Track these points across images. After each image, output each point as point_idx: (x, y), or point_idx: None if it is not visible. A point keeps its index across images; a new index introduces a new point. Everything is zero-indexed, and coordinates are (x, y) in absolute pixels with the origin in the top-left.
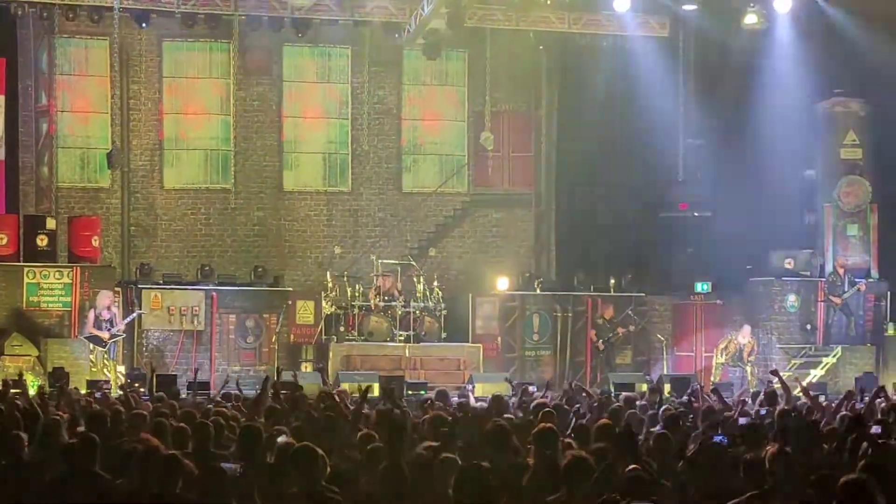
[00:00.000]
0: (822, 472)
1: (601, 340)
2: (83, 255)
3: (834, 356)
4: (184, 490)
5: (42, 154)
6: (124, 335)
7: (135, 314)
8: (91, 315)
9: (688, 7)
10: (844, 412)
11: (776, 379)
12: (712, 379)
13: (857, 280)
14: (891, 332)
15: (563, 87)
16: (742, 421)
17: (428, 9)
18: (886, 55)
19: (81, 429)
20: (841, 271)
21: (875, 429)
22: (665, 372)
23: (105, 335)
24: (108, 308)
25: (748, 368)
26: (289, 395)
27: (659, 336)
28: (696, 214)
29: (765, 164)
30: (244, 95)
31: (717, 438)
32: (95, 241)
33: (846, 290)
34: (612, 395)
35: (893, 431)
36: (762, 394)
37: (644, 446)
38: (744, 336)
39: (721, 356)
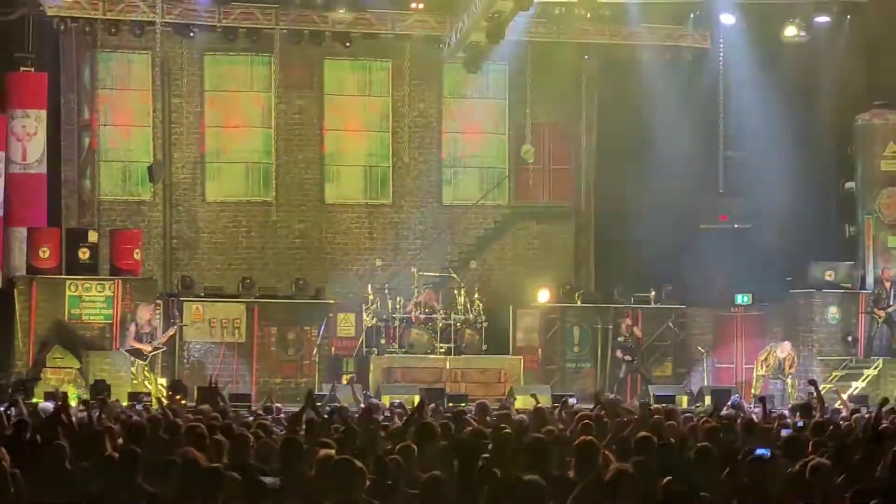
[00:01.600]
0: (861, 486)
1: (626, 355)
2: (125, 268)
3: (875, 368)
4: (224, 502)
5: (84, 167)
6: (165, 348)
7: (174, 328)
8: (132, 328)
9: (727, 19)
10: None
11: (814, 389)
12: (753, 391)
13: None
14: None
15: (604, 100)
16: (784, 433)
17: (468, 22)
18: None
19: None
20: (887, 284)
21: None
22: (706, 383)
23: (147, 348)
24: (149, 321)
25: (789, 381)
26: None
27: (699, 348)
28: (736, 226)
29: (805, 176)
30: (285, 109)
31: (760, 451)
32: (137, 254)
33: (891, 302)
34: (652, 406)
35: None
36: (798, 406)
37: (685, 459)
38: (783, 350)
39: (762, 368)
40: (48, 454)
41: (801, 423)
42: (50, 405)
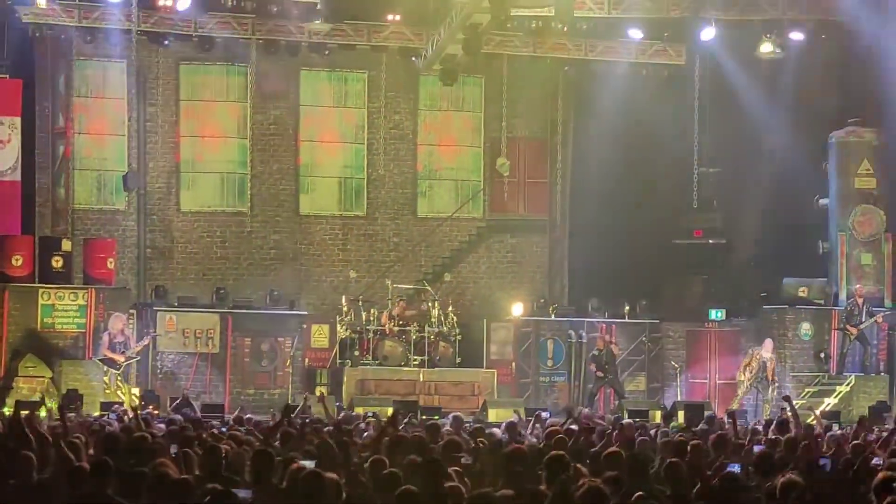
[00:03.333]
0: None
1: (599, 370)
2: (98, 277)
3: (847, 385)
4: None
5: (58, 176)
6: (138, 358)
7: (148, 338)
8: (105, 338)
9: (704, 35)
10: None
11: (788, 405)
12: (737, 395)
13: (875, 310)
14: None
15: (579, 114)
16: (756, 449)
17: (445, 34)
18: None
19: (92, 451)
20: (859, 301)
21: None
22: (679, 398)
23: (120, 358)
24: (122, 331)
25: (771, 389)
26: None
27: (673, 363)
28: (710, 242)
29: (779, 193)
30: (261, 119)
31: (731, 467)
32: (111, 263)
33: (863, 319)
34: (624, 421)
35: None
36: (774, 422)
37: (656, 474)
38: (766, 350)
39: (745, 374)
40: (15, 465)
41: (774, 438)
42: None
